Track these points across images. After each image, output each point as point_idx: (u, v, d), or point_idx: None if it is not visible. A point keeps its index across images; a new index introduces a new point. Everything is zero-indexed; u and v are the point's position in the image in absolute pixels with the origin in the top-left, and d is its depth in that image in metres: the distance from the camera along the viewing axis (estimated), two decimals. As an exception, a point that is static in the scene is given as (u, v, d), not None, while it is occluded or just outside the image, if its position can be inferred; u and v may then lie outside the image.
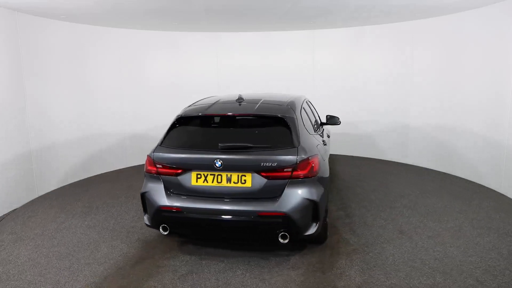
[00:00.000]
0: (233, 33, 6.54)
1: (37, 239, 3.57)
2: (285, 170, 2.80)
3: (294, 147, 2.90)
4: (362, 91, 6.40)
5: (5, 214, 4.20)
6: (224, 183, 2.89)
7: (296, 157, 2.82)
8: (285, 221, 2.78)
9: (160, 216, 3.01)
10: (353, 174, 5.49)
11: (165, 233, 3.05)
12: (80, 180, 5.46)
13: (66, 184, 5.26)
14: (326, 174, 3.22)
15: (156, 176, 3.06)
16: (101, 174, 5.76)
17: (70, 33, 5.19)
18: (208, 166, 2.89)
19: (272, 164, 2.80)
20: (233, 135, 3.12)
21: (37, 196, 4.78)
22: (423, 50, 5.65)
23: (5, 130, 4.25)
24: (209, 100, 3.70)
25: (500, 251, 3.13)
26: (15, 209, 4.32)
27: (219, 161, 2.86)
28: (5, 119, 4.24)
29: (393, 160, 6.29)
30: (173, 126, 3.22)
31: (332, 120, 4.61)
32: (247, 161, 2.84)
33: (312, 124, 3.82)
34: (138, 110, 6.10)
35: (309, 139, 3.20)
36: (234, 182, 2.87)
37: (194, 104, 3.61)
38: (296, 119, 3.15)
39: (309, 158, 2.89)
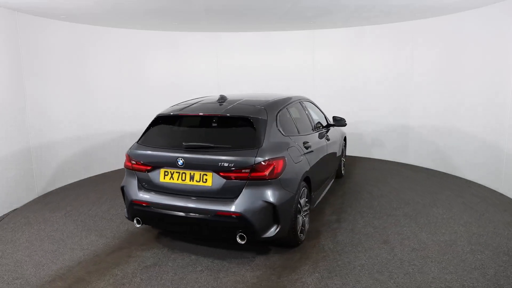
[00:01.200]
0: (233, 33, 6.58)
1: (40, 224, 3.91)
2: (242, 171, 2.81)
3: (255, 149, 2.89)
4: (362, 91, 6.39)
5: (5, 214, 4.19)
6: (188, 181, 2.97)
7: (254, 158, 2.82)
8: (241, 221, 2.79)
9: (132, 209, 3.19)
10: (367, 178, 5.34)
11: (138, 225, 3.22)
12: (80, 180, 5.47)
13: (66, 184, 5.28)
14: (297, 176, 3.13)
15: (132, 172, 3.24)
16: (101, 174, 5.82)
17: (70, 33, 5.19)
18: (173, 164, 2.99)
19: (230, 165, 2.83)
20: (200, 134, 3.20)
21: (37, 196, 4.77)
22: (423, 50, 5.64)
23: (5, 130, 4.24)
24: (194, 100, 3.79)
25: (485, 271, 2.80)
26: (15, 209, 4.33)
27: (181, 159, 2.95)
28: (5, 119, 4.22)
29: (392, 160, 6.30)
30: (151, 125, 3.37)
31: (339, 122, 4.71)
32: (207, 160, 2.89)
33: (304, 125, 3.86)
34: (138, 110, 6.14)
35: (281, 140, 3.14)
36: (196, 181, 2.94)
37: (177, 104, 3.71)
38: (266, 120, 3.12)
39: (270, 160, 2.86)
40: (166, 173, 3.05)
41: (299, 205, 3.17)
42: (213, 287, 2.72)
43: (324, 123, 4.60)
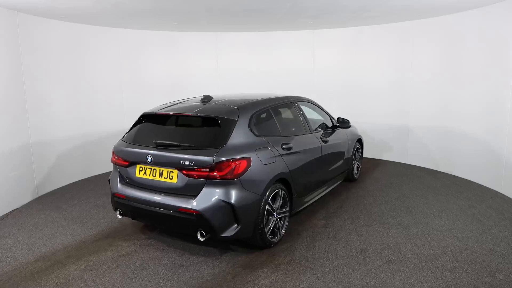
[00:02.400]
0: (233, 33, 6.58)
1: (49, 213, 4.25)
2: (202, 170, 2.88)
3: (216, 148, 2.94)
4: (362, 91, 6.39)
5: (5, 214, 4.20)
6: (157, 177, 3.11)
7: (213, 158, 2.87)
8: (199, 219, 2.87)
9: (114, 201, 3.41)
10: (380, 182, 5.15)
11: (120, 217, 3.44)
12: (81, 180, 5.50)
13: (66, 184, 5.30)
14: (266, 177, 3.11)
15: (116, 166, 3.47)
16: (102, 174, 5.83)
17: (70, 32, 5.19)
18: (144, 161, 3.16)
19: (190, 163, 2.92)
20: (171, 133, 3.32)
21: (37, 196, 4.79)
22: (423, 50, 5.63)
23: (5, 130, 4.23)
24: (181, 100, 3.91)
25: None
26: (15, 209, 4.33)
27: (150, 156, 3.11)
28: (5, 119, 4.20)
29: (392, 160, 6.28)
30: (135, 123, 3.57)
31: (341, 123, 4.72)
32: (172, 158, 3.01)
33: (294, 126, 3.87)
34: (139, 110, 5.92)
35: (250, 141, 3.14)
36: (164, 177, 3.08)
37: (165, 103, 3.84)
38: (235, 121, 3.15)
39: (230, 160, 2.89)
40: (141, 169, 3.21)
41: (269, 207, 3.17)
42: (168, 280, 2.84)
43: (329, 124, 4.56)
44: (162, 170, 3.08)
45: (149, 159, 3.10)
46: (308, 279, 2.79)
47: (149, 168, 3.16)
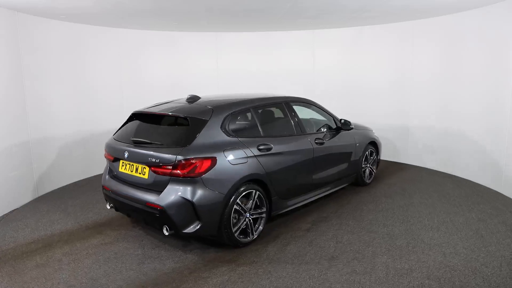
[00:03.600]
0: (233, 33, 6.58)
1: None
2: (166, 167, 3.00)
3: (181, 147, 3.04)
4: (362, 91, 6.40)
5: (5, 214, 4.22)
6: (134, 172, 3.29)
7: (175, 156, 2.96)
8: (162, 214, 2.99)
9: (103, 192, 3.67)
10: (392, 187, 4.88)
11: (109, 207, 3.67)
12: (81, 180, 5.52)
13: (66, 184, 5.31)
14: (233, 177, 3.13)
15: (107, 161, 3.68)
16: (102, 173, 5.81)
17: (70, 32, 5.18)
18: (123, 157, 3.34)
19: (156, 160, 3.05)
20: (147, 131, 3.46)
21: (37, 196, 4.80)
22: (423, 50, 5.62)
23: (5, 130, 4.23)
24: (171, 100, 4.01)
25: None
26: (15, 209, 4.34)
27: (127, 152, 3.29)
28: (5, 119, 4.20)
29: (391, 160, 6.25)
30: (126, 121, 3.75)
31: (344, 125, 4.58)
32: (142, 155, 3.17)
33: (281, 127, 3.85)
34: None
35: (220, 141, 3.17)
36: (139, 173, 3.25)
37: (157, 103, 4.02)
38: (206, 121, 3.21)
39: (192, 159, 2.97)
40: (123, 164, 3.40)
41: (238, 207, 3.20)
42: (131, 270, 2.99)
43: (333, 126, 4.48)
44: (138, 166, 3.24)
45: (126, 155, 3.29)
46: (260, 282, 2.76)
47: (128, 164, 3.34)
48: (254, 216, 3.34)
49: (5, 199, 4.27)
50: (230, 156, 3.17)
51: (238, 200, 3.18)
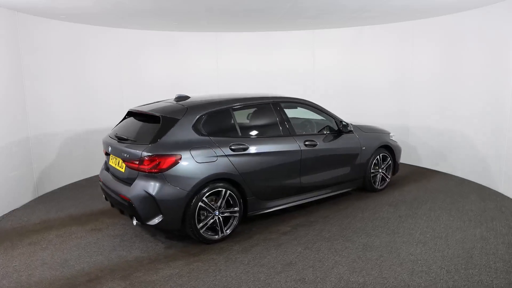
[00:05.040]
0: (233, 33, 6.59)
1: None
2: (134, 162, 3.19)
3: (147, 144, 3.19)
4: (362, 91, 6.41)
5: (5, 214, 4.22)
6: (117, 166, 3.50)
7: (141, 152, 3.13)
8: (129, 206, 3.21)
9: (99, 183, 3.91)
10: (403, 195, 4.56)
11: (105, 199, 3.82)
12: (81, 180, 5.53)
13: (66, 183, 5.33)
14: (198, 175, 3.19)
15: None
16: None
17: (70, 32, 5.19)
18: (108, 151, 3.59)
19: (127, 156, 3.27)
20: (129, 128, 3.63)
21: (37, 196, 4.82)
22: (423, 50, 5.62)
23: (5, 130, 4.23)
24: (164, 99, 4.16)
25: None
26: (14, 209, 4.35)
27: (110, 147, 3.54)
28: (5, 119, 4.21)
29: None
30: (123, 118, 3.94)
31: (343, 128, 4.40)
32: (119, 150, 3.39)
33: (264, 128, 3.83)
34: None
35: (188, 139, 3.26)
36: (119, 166, 3.45)
37: (151, 102, 4.16)
38: (177, 120, 3.32)
39: (156, 156, 3.11)
40: (111, 158, 3.62)
41: (204, 204, 3.27)
42: (100, 255, 3.23)
43: (335, 127, 4.31)
44: (118, 160, 3.45)
45: (109, 149, 3.54)
46: (204, 279, 2.80)
47: (113, 158, 3.55)
48: (225, 215, 3.40)
49: (5, 199, 4.27)
50: (197, 155, 3.24)
51: (204, 198, 3.25)
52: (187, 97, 3.89)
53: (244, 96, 3.98)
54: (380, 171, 4.71)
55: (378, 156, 4.64)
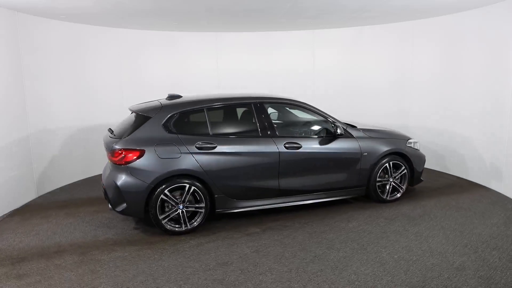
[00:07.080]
0: (233, 33, 6.59)
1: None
2: (109, 154, 3.57)
3: (119, 138, 3.53)
4: (362, 91, 6.42)
5: (5, 214, 4.23)
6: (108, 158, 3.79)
7: (113, 145, 3.49)
8: (104, 193, 3.64)
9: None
10: (408, 213, 3.98)
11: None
12: (81, 180, 5.54)
13: (66, 183, 5.34)
14: (160, 169, 3.42)
15: None
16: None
17: (70, 32, 5.21)
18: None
19: (108, 148, 3.59)
20: (123, 125, 3.85)
21: (37, 196, 4.83)
22: (423, 50, 5.64)
23: (5, 130, 4.25)
24: (160, 98, 4.32)
25: None
26: (14, 209, 4.36)
27: (103, 140, 3.81)
28: (5, 119, 4.22)
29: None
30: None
31: (336, 130, 4.13)
32: (105, 143, 3.75)
33: (236, 128, 3.92)
34: None
35: (154, 136, 3.50)
36: (109, 158, 3.75)
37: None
38: (149, 117, 3.58)
39: (122, 149, 3.43)
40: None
41: (165, 197, 3.47)
42: (82, 232, 3.69)
43: (331, 130, 4.07)
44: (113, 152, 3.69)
45: (103, 142, 3.82)
46: (140, 264, 3.03)
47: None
48: (190, 209, 3.57)
49: (5, 199, 4.27)
50: (161, 151, 3.47)
51: (167, 191, 3.46)
52: (179, 96, 3.96)
53: (227, 96, 4.00)
54: (391, 180, 4.27)
55: (387, 164, 4.23)
